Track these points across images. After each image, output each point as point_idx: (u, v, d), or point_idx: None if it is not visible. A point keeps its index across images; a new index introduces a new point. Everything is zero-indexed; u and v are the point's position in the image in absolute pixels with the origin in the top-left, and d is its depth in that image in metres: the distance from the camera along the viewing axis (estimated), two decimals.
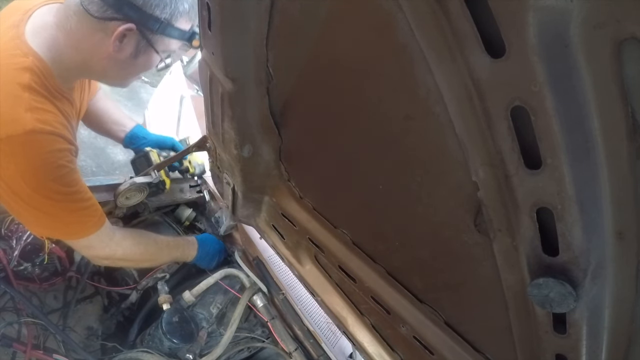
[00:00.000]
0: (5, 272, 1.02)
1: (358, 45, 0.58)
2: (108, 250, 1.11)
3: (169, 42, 1.00)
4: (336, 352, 1.26)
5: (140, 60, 1.01)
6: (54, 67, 0.94)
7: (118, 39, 0.92)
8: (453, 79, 0.45)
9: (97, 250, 1.10)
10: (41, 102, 0.90)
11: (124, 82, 1.12)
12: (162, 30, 0.94)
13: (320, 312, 1.31)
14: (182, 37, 1.00)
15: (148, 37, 0.95)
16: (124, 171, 3.65)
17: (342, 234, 0.90)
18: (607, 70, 0.33)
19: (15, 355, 1.01)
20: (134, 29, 0.91)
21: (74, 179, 0.98)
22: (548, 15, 0.34)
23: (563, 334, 0.49)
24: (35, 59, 0.90)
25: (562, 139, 0.38)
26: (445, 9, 0.41)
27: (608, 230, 0.40)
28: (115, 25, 0.90)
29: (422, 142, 0.59)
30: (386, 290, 0.85)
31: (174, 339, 1.13)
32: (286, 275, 1.38)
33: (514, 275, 0.53)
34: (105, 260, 1.16)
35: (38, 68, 0.90)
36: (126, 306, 1.32)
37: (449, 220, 0.62)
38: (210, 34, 0.69)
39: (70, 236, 1.05)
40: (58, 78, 0.96)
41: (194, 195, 1.53)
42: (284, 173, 1.00)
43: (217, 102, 0.86)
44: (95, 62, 0.98)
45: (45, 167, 0.90)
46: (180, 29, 0.98)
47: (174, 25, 0.96)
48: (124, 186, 1.21)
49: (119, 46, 0.94)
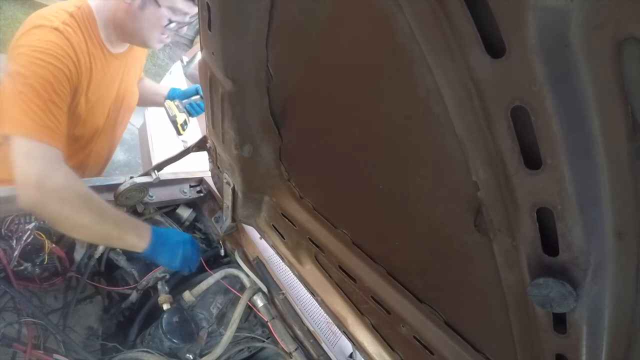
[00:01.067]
0: (5, 272, 1.02)
1: (358, 45, 0.58)
2: (31, 168, 0.94)
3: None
4: (336, 352, 1.26)
5: (147, 13, 1.11)
6: (99, 18, 1.14)
7: None
8: (453, 79, 0.45)
9: (21, 159, 0.95)
10: (72, 24, 1.08)
11: (145, 39, 1.19)
12: None
13: (320, 312, 1.31)
14: None
15: None
16: (124, 171, 3.65)
17: (342, 234, 0.90)
18: (607, 70, 0.33)
19: (15, 355, 1.00)
20: None
21: (62, 83, 1.04)
22: (548, 15, 0.34)
23: (563, 334, 0.49)
24: (85, 4, 1.12)
25: (562, 139, 0.38)
26: (445, 9, 0.41)
27: (608, 230, 0.40)
28: None
29: (422, 142, 0.59)
30: (386, 290, 0.85)
31: (174, 339, 1.13)
32: (286, 275, 1.38)
33: (514, 275, 0.53)
34: (31, 190, 0.94)
35: (84, 9, 1.11)
36: (126, 306, 1.32)
37: (449, 220, 0.62)
38: (210, 34, 0.69)
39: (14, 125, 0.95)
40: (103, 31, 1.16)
41: (194, 195, 1.53)
42: (284, 173, 1.00)
43: (217, 102, 0.86)
44: (120, 17, 1.13)
45: (48, 50, 1.00)
46: None
47: None
48: (124, 186, 1.21)
49: None
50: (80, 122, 1.23)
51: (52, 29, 1.03)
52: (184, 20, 1.16)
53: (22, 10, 3.39)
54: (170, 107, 1.53)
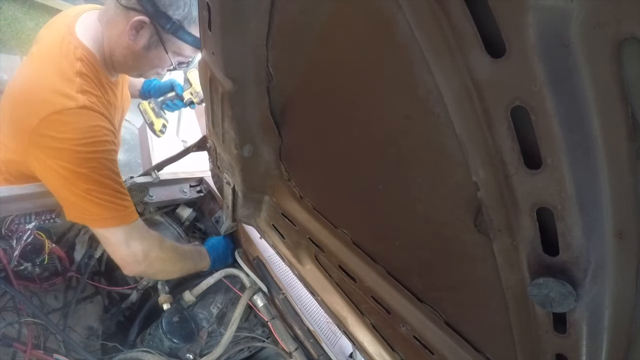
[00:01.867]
0: (5, 272, 1.02)
1: (358, 45, 0.58)
2: (134, 249, 1.07)
3: (180, 45, 1.06)
4: (336, 352, 1.26)
5: (151, 55, 1.08)
6: (99, 57, 1.06)
7: (134, 27, 1.01)
8: (453, 79, 0.45)
9: (123, 246, 1.05)
10: (91, 86, 1.01)
11: (142, 74, 1.19)
12: (174, 31, 1.01)
13: (320, 312, 1.31)
14: (196, 43, 1.05)
15: (160, 34, 1.03)
16: (124, 171, 3.64)
17: (343, 233, 0.90)
18: (607, 70, 0.33)
19: (15, 355, 1.00)
20: (147, 22, 1.00)
21: (115, 160, 1.03)
22: (548, 15, 0.34)
23: (563, 334, 0.49)
24: (84, 50, 1.02)
25: (562, 139, 0.38)
26: (445, 9, 0.41)
27: (608, 230, 0.40)
28: (134, 15, 0.99)
29: (422, 142, 0.59)
30: (386, 290, 0.85)
31: (174, 338, 1.13)
32: (286, 275, 1.38)
33: (514, 275, 0.53)
34: (141, 266, 1.10)
35: (87, 58, 1.02)
36: (126, 306, 1.32)
37: (449, 220, 0.62)
38: (210, 34, 0.69)
39: (102, 222, 1.02)
40: (103, 68, 1.09)
41: (194, 195, 1.53)
42: (284, 173, 1.00)
43: (217, 102, 0.86)
44: (119, 51, 1.07)
45: (93, 138, 0.95)
46: (193, 35, 1.03)
47: (185, 29, 1.02)
48: None
49: (135, 36, 1.03)
50: None
51: (81, 110, 0.94)
52: (186, 61, 1.16)
53: (22, 10, 3.38)
54: (145, 111, 1.47)
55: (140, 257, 1.08)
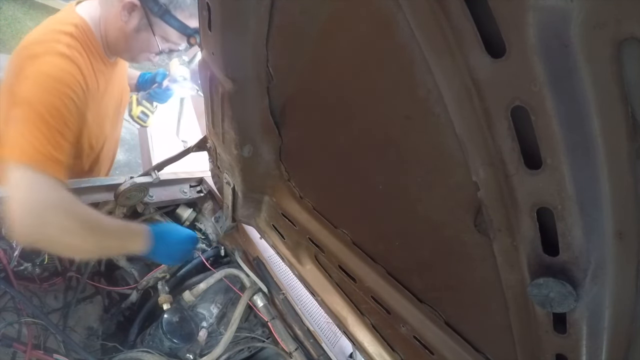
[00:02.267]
0: (5, 272, 1.02)
1: (358, 45, 0.58)
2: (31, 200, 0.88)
3: (166, 30, 1.09)
4: (336, 352, 1.26)
5: (141, 37, 1.11)
6: (95, 31, 1.11)
7: (126, 9, 1.05)
8: (453, 79, 0.45)
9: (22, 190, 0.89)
10: (76, 46, 1.04)
11: (133, 57, 1.21)
12: (161, 15, 1.05)
13: (320, 312, 1.31)
14: (181, 29, 1.08)
15: (149, 17, 1.06)
16: (124, 171, 3.65)
17: (343, 233, 0.90)
18: (607, 70, 0.33)
19: (15, 355, 1.01)
20: (137, 4, 1.04)
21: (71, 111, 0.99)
22: (548, 15, 0.34)
23: (563, 334, 0.49)
24: (81, 21, 1.08)
25: (562, 139, 0.38)
26: (445, 9, 0.41)
27: (608, 230, 0.40)
28: None
29: (422, 142, 0.59)
30: (386, 290, 0.85)
31: (174, 338, 1.13)
32: (286, 275, 1.38)
33: (514, 275, 0.53)
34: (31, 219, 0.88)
35: (82, 26, 1.08)
36: (126, 306, 1.32)
37: (449, 220, 0.62)
38: (210, 34, 0.69)
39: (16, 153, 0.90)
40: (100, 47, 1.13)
41: (194, 195, 1.53)
42: (284, 173, 1.00)
43: (217, 102, 0.86)
44: (113, 33, 1.12)
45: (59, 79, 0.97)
46: (180, 20, 1.06)
47: (171, 13, 1.05)
48: (124, 186, 1.20)
49: (127, 17, 1.07)
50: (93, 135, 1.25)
51: (59, 55, 0.98)
52: (175, 48, 1.18)
53: (22, 10, 3.39)
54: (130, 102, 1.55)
55: (34, 210, 0.88)
